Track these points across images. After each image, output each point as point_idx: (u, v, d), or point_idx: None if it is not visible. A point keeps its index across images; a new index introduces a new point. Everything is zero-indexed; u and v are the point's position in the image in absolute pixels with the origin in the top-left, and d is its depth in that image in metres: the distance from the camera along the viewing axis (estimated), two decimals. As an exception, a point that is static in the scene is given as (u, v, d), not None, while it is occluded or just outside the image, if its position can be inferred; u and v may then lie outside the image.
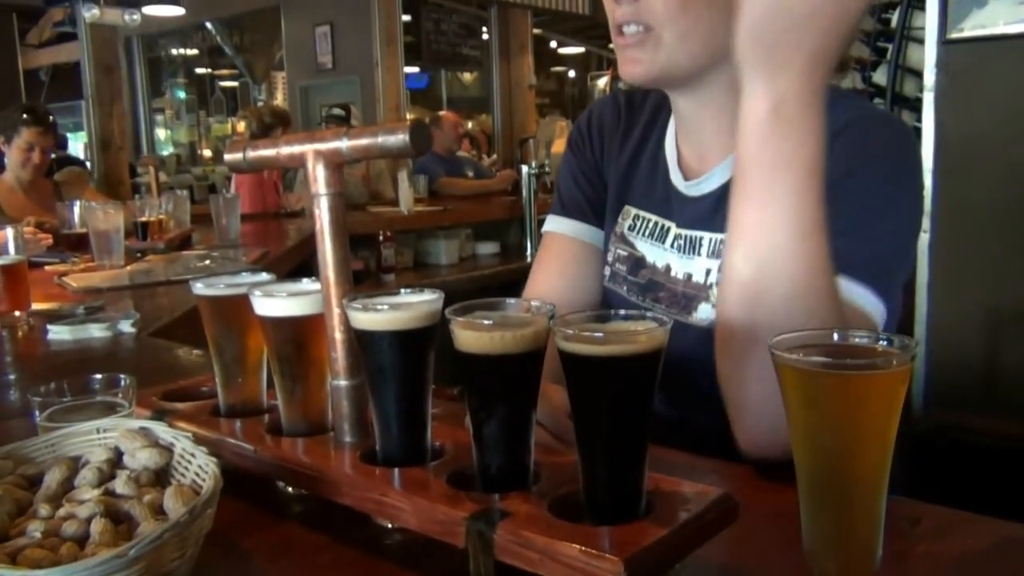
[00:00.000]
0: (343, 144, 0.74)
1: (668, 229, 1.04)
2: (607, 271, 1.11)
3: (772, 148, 0.73)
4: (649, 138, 1.09)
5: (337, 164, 0.76)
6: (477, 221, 4.94)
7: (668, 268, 1.03)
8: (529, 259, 4.61)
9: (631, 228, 1.08)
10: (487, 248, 4.89)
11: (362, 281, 4.06)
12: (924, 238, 2.29)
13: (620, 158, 1.11)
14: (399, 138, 0.72)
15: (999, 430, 2.21)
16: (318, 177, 0.76)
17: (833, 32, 0.72)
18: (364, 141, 0.74)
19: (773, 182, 0.73)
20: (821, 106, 0.74)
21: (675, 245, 1.03)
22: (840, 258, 0.81)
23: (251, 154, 0.81)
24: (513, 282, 4.37)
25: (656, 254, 1.04)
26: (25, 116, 3.36)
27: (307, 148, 0.77)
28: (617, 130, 1.12)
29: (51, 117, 3.46)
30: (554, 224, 1.14)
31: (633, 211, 1.09)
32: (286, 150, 0.79)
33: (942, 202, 2.26)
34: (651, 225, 1.06)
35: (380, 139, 0.73)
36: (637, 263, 1.07)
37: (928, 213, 2.28)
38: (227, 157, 0.83)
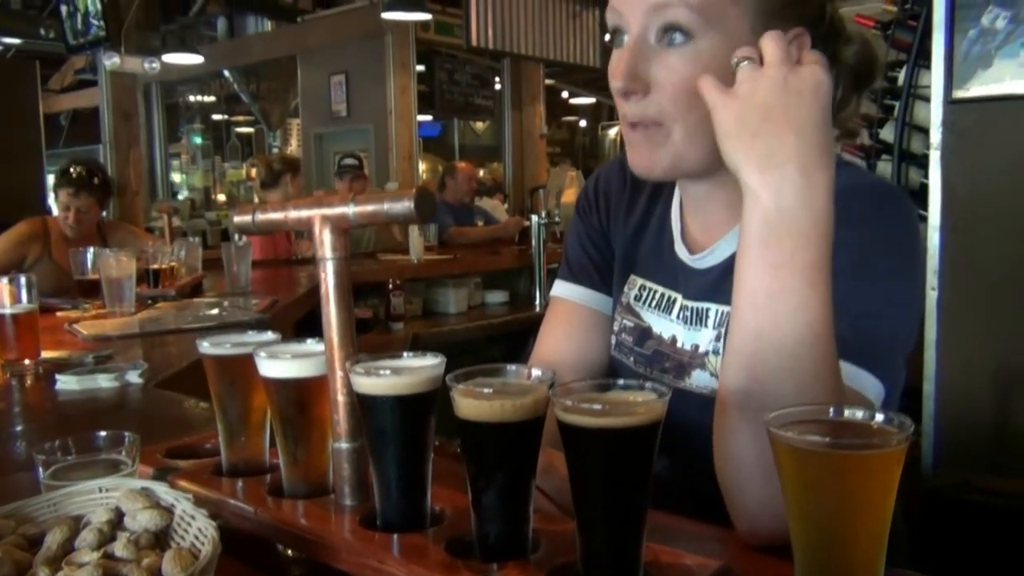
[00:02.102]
0: (349, 210, 0.76)
1: (675, 300, 1.04)
2: (613, 340, 1.11)
3: (775, 248, 0.73)
4: (655, 207, 1.09)
5: (343, 229, 0.78)
6: (486, 270, 4.96)
7: (674, 339, 1.03)
8: (538, 308, 4.62)
9: (637, 298, 1.08)
10: (496, 297, 4.90)
11: (371, 329, 4.07)
12: (932, 295, 2.29)
13: (626, 225, 1.11)
14: (404, 205, 0.73)
15: (1009, 489, 2.19)
16: (324, 241, 0.77)
17: (793, 128, 0.74)
18: (370, 207, 0.75)
19: (777, 285, 0.73)
20: (826, 203, 0.74)
21: (681, 316, 1.02)
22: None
23: (260, 217, 0.83)
24: (522, 331, 4.38)
25: (663, 325, 1.04)
26: (62, 173, 3.40)
27: (314, 213, 0.78)
28: (623, 196, 1.13)
29: (92, 177, 3.41)
30: (561, 289, 1.15)
31: (639, 281, 1.08)
32: (294, 214, 0.80)
33: (949, 260, 2.26)
34: (657, 296, 1.06)
35: (386, 206, 0.74)
36: (643, 334, 1.06)
37: (936, 271, 2.28)
38: (236, 219, 0.84)
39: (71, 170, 3.42)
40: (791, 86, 0.75)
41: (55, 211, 3.52)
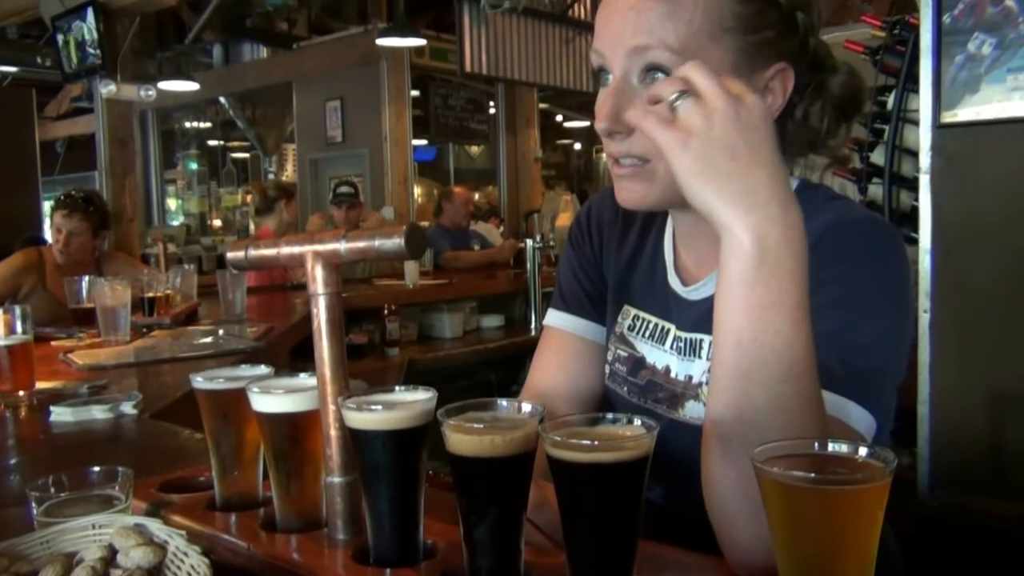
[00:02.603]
0: (341, 246, 0.77)
1: (668, 331, 1.04)
2: (607, 369, 1.11)
3: (761, 289, 0.72)
4: (647, 236, 1.10)
5: (335, 265, 0.78)
6: (482, 294, 4.97)
7: (668, 369, 1.03)
8: (533, 332, 4.63)
9: (631, 328, 1.08)
10: (492, 321, 4.90)
11: (366, 355, 4.07)
12: (925, 318, 2.30)
13: (619, 255, 1.11)
14: (395, 242, 0.74)
15: (1006, 511, 2.18)
16: (316, 277, 0.78)
17: (762, 165, 0.73)
18: (361, 244, 0.76)
19: (763, 326, 0.72)
20: (804, 238, 0.74)
21: (675, 347, 1.03)
22: (822, 373, 0.81)
23: (253, 253, 0.84)
24: (518, 355, 4.38)
25: (656, 355, 1.05)
26: (58, 197, 3.48)
27: (306, 249, 0.79)
28: (616, 226, 1.13)
29: (87, 202, 3.47)
30: (555, 319, 1.14)
31: (633, 311, 1.09)
32: (286, 250, 0.81)
33: (941, 282, 2.27)
34: (651, 326, 1.06)
35: (377, 242, 0.75)
36: (637, 364, 1.06)
37: (927, 293, 2.29)
38: (229, 255, 0.85)
39: (69, 193, 3.48)
40: (744, 120, 0.73)
41: (50, 239, 3.54)
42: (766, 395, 0.72)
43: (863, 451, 0.57)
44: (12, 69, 8.90)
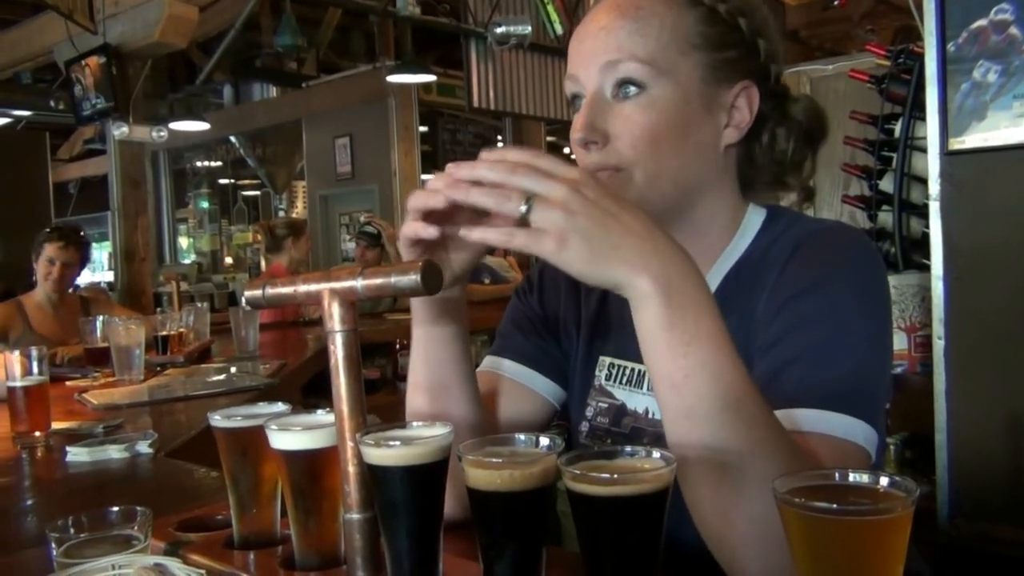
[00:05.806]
0: (358, 283, 0.77)
1: (644, 373, 1.03)
2: (585, 426, 1.09)
3: (679, 327, 0.72)
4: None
5: (351, 302, 0.79)
6: (493, 328, 4.95)
7: (648, 411, 1.02)
8: (545, 365, 4.61)
9: (608, 377, 1.07)
10: (503, 354, 4.88)
11: (379, 389, 4.07)
12: (939, 345, 2.29)
13: (587, 309, 1.10)
14: (411, 279, 0.74)
15: (1029, 540, 2.16)
16: (334, 314, 0.79)
17: (627, 220, 0.72)
18: (378, 281, 0.76)
19: (690, 362, 0.72)
20: (699, 272, 0.74)
21: (652, 389, 1.03)
22: (813, 391, 0.80)
23: (270, 291, 0.84)
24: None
25: (636, 400, 1.04)
26: (48, 231, 3.56)
27: (323, 287, 0.80)
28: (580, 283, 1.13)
29: (78, 234, 3.59)
30: (485, 362, 1.13)
31: (608, 360, 1.07)
32: (303, 288, 0.82)
33: (954, 309, 2.26)
34: (627, 372, 1.05)
35: (393, 279, 0.75)
36: (619, 412, 1.05)
37: (941, 320, 2.28)
38: (247, 294, 0.86)
39: (58, 226, 3.60)
40: (592, 195, 0.72)
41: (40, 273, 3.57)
42: (711, 428, 0.72)
43: (884, 480, 0.57)
44: (26, 113, 9.03)
